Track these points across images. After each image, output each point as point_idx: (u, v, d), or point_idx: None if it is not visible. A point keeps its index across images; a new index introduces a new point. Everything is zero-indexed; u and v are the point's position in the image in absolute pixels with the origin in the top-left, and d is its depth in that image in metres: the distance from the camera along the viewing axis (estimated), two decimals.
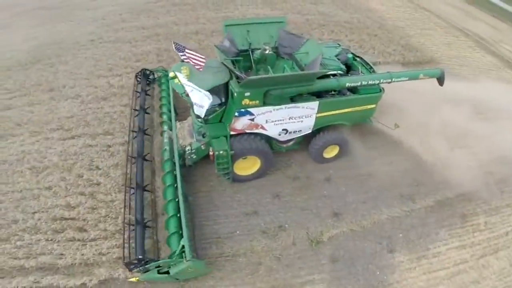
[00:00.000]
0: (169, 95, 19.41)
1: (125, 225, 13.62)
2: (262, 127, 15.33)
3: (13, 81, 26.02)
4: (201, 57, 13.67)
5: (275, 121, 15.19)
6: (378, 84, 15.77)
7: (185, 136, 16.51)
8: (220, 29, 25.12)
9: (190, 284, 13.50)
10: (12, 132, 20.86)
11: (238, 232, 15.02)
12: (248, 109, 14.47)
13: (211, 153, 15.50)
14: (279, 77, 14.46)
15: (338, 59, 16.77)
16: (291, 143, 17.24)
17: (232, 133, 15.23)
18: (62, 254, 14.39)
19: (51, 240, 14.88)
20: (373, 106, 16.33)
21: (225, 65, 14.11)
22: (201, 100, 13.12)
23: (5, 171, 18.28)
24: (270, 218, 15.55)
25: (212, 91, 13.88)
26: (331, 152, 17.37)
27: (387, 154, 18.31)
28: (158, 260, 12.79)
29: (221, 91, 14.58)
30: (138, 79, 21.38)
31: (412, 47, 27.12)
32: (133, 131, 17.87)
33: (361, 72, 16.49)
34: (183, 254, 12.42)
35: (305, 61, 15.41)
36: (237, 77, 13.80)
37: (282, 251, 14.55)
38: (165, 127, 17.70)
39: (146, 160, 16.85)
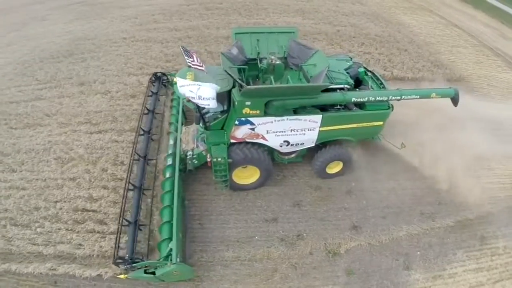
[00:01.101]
0: (179, 98, 19.43)
1: (119, 224, 13.58)
2: (263, 137, 15.12)
3: (44, 73, 26.68)
4: (201, 64, 13.84)
5: (276, 132, 14.95)
6: (387, 101, 15.34)
7: (188, 141, 16.58)
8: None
9: (204, 285, 13.69)
10: (41, 122, 21.40)
11: (256, 237, 15.10)
12: (249, 118, 14.30)
13: (208, 159, 15.57)
14: (280, 88, 14.16)
15: (348, 72, 16.33)
16: (293, 155, 17.06)
17: (232, 141, 15.13)
18: (80, 245, 14.71)
19: (71, 230, 15.25)
20: (380, 123, 15.84)
21: (227, 73, 13.86)
22: (210, 93, 12.90)
23: (31, 159, 18.76)
24: (289, 226, 15.56)
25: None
26: (334, 167, 17.13)
27: (411, 170, 18.05)
28: (145, 261, 12.84)
29: (224, 99, 14.44)
30: (152, 80, 21.47)
31: (442, 64, 26.86)
32: (141, 130, 17.67)
33: (371, 87, 15.93)
34: (170, 257, 12.56)
35: (312, 73, 15.02)
36: (240, 86, 13.58)
37: (299, 259, 14.54)
38: (172, 131, 17.78)
39: (150, 160, 16.73)
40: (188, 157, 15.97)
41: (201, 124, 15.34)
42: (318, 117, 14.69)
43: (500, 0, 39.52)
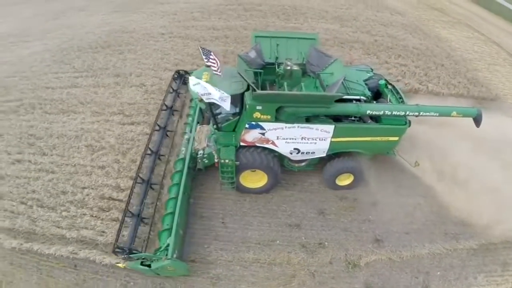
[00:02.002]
0: None
1: (123, 215, 14.01)
2: (273, 143, 14.96)
3: (82, 62, 27.29)
4: (219, 65, 13.76)
5: (287, 139, 14.76)
6: (404, 116, 14.82)
7: (201, 140, 16.59)
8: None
9: (222, 283, 13.77)
10: (75, 109, 21.90)
11: (278, 241, 15.05)
12: (259, 123, 14.17)
13: (216, 160, 15.59)
14: (291, 95, 13.90)
15: (366, 84, 15.89)
16: (303, 163, 16.80)
17: (242, 144, 15.07)
18: (103, 232, 15.05)
19: (95, 216, 15.63)
20: (395, 138, 15.34)
21: (240, 75, 13.71)
22: (223, 96, 12.91)
23: (63, 144, 19.24)
24: (312, 233, 15.46)
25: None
26: (345, 180, 16.82)
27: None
28: (142, 253, 13.16)
29: (237, 101, 14.39)
30: (174, 77, 21.73)
31: (478, 81, 26.21)
32: (157, 125, 18.12)
33: (389, 101, 15.51)
34: (166, 251, 12.83)
35: (329, 81, 14.69)
36: (252, 89, 13.47)
37: (318, 268, 14.43)
38: (188, 129, 18.05)
39: (161, 156, 17.28)
40: (199, 155, 16.11)
41: (213, 125, 15.41)
42: (330, 127, 14.43)
43: None
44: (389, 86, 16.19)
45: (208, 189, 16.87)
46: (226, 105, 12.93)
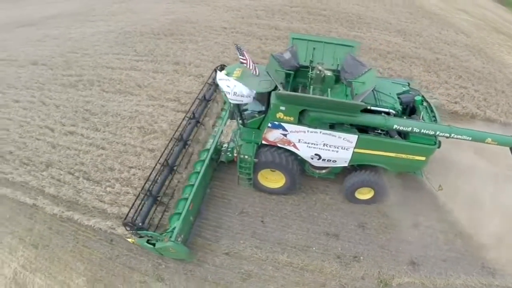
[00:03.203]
0: None
1: (141, 193, 14.37)
2: (294, 146, 14.67)
3: (143, 46, 28.05)
4: (250, 63, 13.92)
5: (308, 143, 14.43)
6: (434, 136, 14.02)
7: (228, 134, 16.78)
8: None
9: (252, 281, 13.74)
10: (132, 91, 22.55)
11: (314, 248, 14.78)
12: (282, 124, 13.92)
13: (235, 154, 15.58)
14: (312, 99, 13.52)
15: (399, 98, 15.18)
16: (324, 171, 16.34)
17: (264, 142, 14.91)
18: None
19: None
20: (422, 158, 14.56)
21: (268, 74, 13.59)
22: (244, 91, 13.15)
23: (116, 123, 19.83)
24: (349, 246, 15.08)
25: (255, 97, 14.05)
26: (365, 194, 16.22)
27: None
28: (149, 231, 13.51)
29: (264, 99, 14.25)
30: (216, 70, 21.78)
31: None
32: (188, 117, 18.15)
33: (422, 118, 14.76)
34: (172, 233, 13.15)
35: (359, 90, 14.10)
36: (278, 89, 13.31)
37: (350, 281, 14.06)
38: (219, 122, 18.28)
39: (187, 144, 17.35)
40: (223, 148, 16.35)
41: (238, 120, 15.34)
42: (353, 137, 13.99)
43: None
44: (425, 103, 15.54)
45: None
46: (247, 100, 13.32)
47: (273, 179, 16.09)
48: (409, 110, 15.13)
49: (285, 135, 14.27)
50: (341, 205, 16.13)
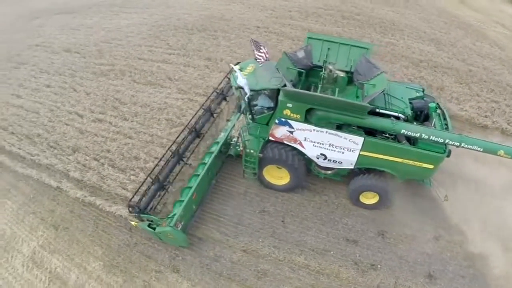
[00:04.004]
0: None
1: (149, 177, 14.82)
2: (301, 144, 14.67)
3: (176, 40, 28.34)
4: (267, 58, 14.21)
5: (314, 142, 14.40)
6: (444, 144, 13.64)
7: (239, 128, 16.57)
8: (380, 53, 24.99)
9: (267, 279, 13.67)
10: (162, 83, 22.84)
11: (332, 253, 14.59)
12: (289, 121, 14.04)
13: (241, 148, 15.51)
14: (317, 97, 13.39)
15: (411, 103, 14.87)
16: (330, 172, 16.14)
17: (270, 138, 14.99)
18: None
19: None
20: (431, 166, 14.19)
21: (278, 70, 13.74)
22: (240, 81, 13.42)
23: (145, 113, 20.07)
24: (367, 253, 14.85)
25: (265, 93, 14.30)
26: (370, 198, 15.94)
27: None
28: (150, 215, 13.91)
29: (274, 96, 14.22)
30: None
31: None
32: (203, 109, 18.36)
33: (433, 125, 14.40)
34: (172, 219, 13.49)
35: (369, 92, 13.97)
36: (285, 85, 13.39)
37: None
38: (233, 116, 18.25)
39: (199, 136, 17.63)
40: (232, 142, 16.39)
41: (247, 115, 15.33)
42: (359, 139, 13.86)
43: None
44: (439, 111, 15.11)
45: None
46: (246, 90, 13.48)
47: (279, 176, 16.12)
48: (423, 116, 14.85)
49: (291, 132, 14.36)
50: (363, 212, 15.91)
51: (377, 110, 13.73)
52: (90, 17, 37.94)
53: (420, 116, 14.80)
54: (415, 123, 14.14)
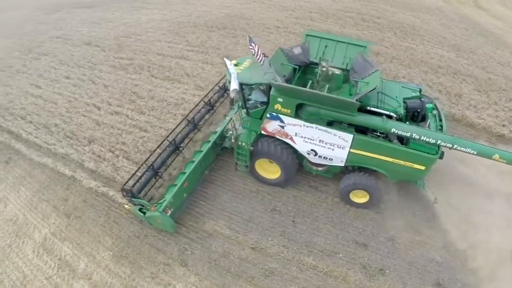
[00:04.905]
0: None
1: (144, 164, 15.26)
2: (292, 139, 14.86)
3: (196, 37, 28.52)
4: (257, 52, 14.19)
5: (305, 137, 14.57)
6: (436, 145, 13.43)
7: (235, 121, 16.76)
8: (399, 57, 24.84)
9: (274, 278, 13.63)
10: (180, 79, 23.08)
11: (341, 255, 14.48)
12: (280, 115, 14.23)
13: (233, 140, 15.63)
14: (305, 92, 13.37)
15: (405, 102, 14.77)
16: (321, 168, 16.22)
17: (263, 132, 15.22)
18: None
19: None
20: (422, 167, 13.98)
21: (270, 65, 13.88)
22: (233, 84, 13.75)
23: (161, 108, 20.30)
24: (376, 257, 14.68)
25: (259, 88, 14.70)
26: (359, 197, 15.82)
27: None
28: (140, 199, 14.36)
29: (267, 91, 14.30)
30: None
31: None
32: (204, 102, 18.86)
33: (428, 126, 14.22)
34: (161, 204, 14.02)
35: (361, 90, 13.85)
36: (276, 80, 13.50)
37: None
38: (232, 110, 18.37)
39: (196, 127, 18.14)
40: (228, 134, 16.57)
41: (242, 108, 15.71)
42: (348, 136, 13.87)
43: None
44: (435, 112, 15.00)
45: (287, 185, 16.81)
46: (231, 87, 13.84)
47: (270, 170, 16.29)
48: (420, 117, 14.80)
49: (282, 127, 14.54)
50: (374, 216, 15.77)
51: (369, 108, 13.77)
52: (111, 12, 38.46)
53: (418, 116, 14.79)
54: (407, 122, 14.05)
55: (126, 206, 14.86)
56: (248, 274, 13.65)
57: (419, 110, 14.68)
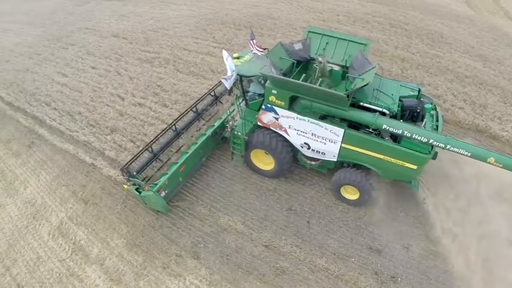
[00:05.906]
0: None
1: (145, 148, 15.86)
2: (286, 131, 15.11)
3: (222, 34, 28.69)
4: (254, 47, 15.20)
5: (298, 130, 14.80)
6: (429, 144, 13.14)
7: (236, 113, 17.03)
8: (426, 64, 24.56)
9: (284, 277, 13.61)
10: (205, 74, 23.25)
11: (353, 259, 14.36)
12: (274, 107, 14.54)
13: (229, 129, 15.88)
14: (296, 84, 13.47)
15: (401, 100, 14.74)
16: (315, 162, 16.20)
17: (259, 123, 15.53)
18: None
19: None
20: (414, 167, 13.79)
21: (266, 57, 14.24)
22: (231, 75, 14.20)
23: (185, 102, 20.88)
24: (389, 264, 14.49)
25: (257, 81, 15.39)
26: (350, 193, 15.78)
27: None
28: (137, 179, 14.85)
29: (264, 83, 14.67)
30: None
31: None
32: (213, 91, 19.33)
33: (423, 125, 14.06)
34: (156, 185, 14.60)
35: (356, 86, 13.76)
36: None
37: None
38: (236, 102, 18.44)
39: (200, 116, 18.66)
40: (227, 125, 16.61)
41: (242, 100, 16.25)
42: (340, 131, 13.91)
43: None
44: (433, 112, 14.81)
45: (305, 186, 16.75)
46: (227, 84, 14.29)
47: (264, 161, 16.59)
48: (420, 117, 14.71)
49: (276, 119, 14.84)
50: (391, 222, 15.56)
51: (361, 103, 13.92)
52: (140, 6, 38.98)
53: (418, 116, 14.74)
54: (401, 120, 14.01)
55: (124, 186, 15.17)
56: (259, 271, 13.68)
57: (418, 110, 14.66)
